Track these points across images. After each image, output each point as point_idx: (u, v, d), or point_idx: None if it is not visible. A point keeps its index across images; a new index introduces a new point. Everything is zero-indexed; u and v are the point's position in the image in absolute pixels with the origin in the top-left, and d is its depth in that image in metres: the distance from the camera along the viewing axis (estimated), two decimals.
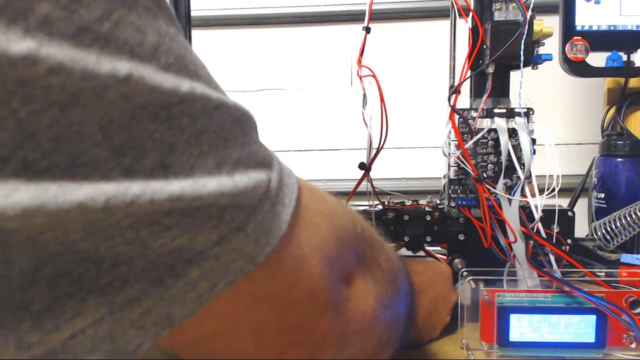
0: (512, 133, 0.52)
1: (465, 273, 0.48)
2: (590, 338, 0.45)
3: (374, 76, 0.53)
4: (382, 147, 0.54)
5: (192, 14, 0.67)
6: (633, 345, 0.45)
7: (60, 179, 0.16)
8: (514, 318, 0.45)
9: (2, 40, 0.15)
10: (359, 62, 0.54)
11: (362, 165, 0.55)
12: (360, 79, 0.54)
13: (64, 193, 0.16)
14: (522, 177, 0.51)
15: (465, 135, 0.52)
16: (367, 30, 0.54)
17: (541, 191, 0.49)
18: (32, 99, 0.15)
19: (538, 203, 0.49)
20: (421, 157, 1.09)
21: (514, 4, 0.52)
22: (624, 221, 0.65)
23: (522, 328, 0.45)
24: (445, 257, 0.58)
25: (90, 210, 0.16)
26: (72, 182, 0.16)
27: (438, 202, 0.58)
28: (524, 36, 0.50)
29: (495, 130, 0.52)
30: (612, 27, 0.74)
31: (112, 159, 0.17)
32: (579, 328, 0.45)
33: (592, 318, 0.45)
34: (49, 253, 0.17)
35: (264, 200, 0.22)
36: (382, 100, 0.53)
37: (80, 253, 0.17)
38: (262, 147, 0.24)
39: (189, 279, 0.20)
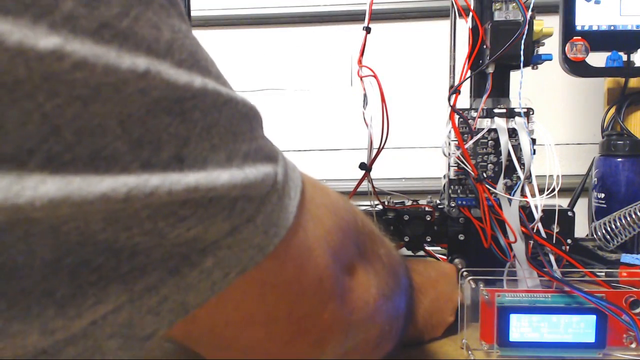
0: (512, 133, 0.52)
1: (465, 273, 0.48)
2: (590, 338, 0.45)
3: (374, 76, 0.53)
4: (382, 147, 0.54)
5: (192, 14, 0.67)
6: (633, 345, 0.45)
7: (83, 171, 0.17)
8: (514, 318, 0.45)
9: (29, 35, 0.15)
10: (360, 62, 0.54)
11: (362, 166, 0.55)
12: (361, 79, 0.54)
13: (88, 185, 0.16)
14: (522, 177, 0.51)
15: (465, 135, 0.52)
16: (367, 30, 0.54)
17: (541, 191, 0.49)
18: (56, 93, 0.16)
19: (538, 203, 0.49)
20: (421, 157, 1.09)
21: (514, 4, 0.52)
22: (624, 221, 0.65)
23: (522, 328, 0.45)
24: (445, 257, 0.58)
25: (112, 201, 0.17)
26: (95, 174, 0.17)
27: (438, 202, 0.58)
28: (524, 36, 0.50)
29: (495, 130, 0.52)
30: (612, 27, 0.74)
31: (131, 152, 0.18)
32: (579, 328, 0.45)
33: (592, 318, 0.45)
34: (70, 243, 0.17)
35: (272, 193, 0.23)
36: (383, 100, 0.53)
37: (101, 243, 0.18)
38: (267, 142, 0.24)
39: (203, 268, 0.20)
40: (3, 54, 0.15)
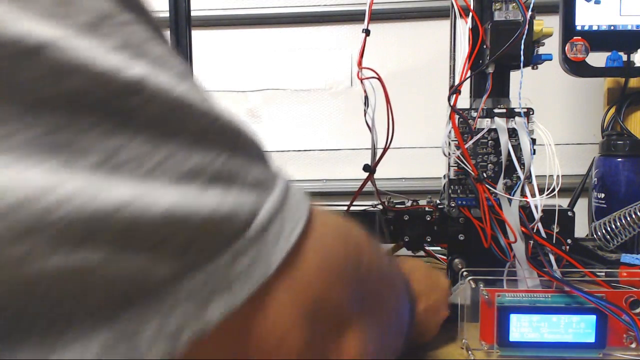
0: (512, 133, 0.52)
1: (465, 273, 0.48)
2: (590, 338, 0.45)
3: (379, 78, 0.53)
4: (388, 148, 0.54)
5: (192, 14, 0.67)
6: (633, 345, 0.45)
7: None
8: (514, 318, 0.45)
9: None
10: (359, 64, 0.53)
11: (366, 167, 0.55)
12: (361, 81, 0.54)
13: None
14: (522, 177, 0.51)
15: (465, 135, 0.52)
16: (367, 32, 0.54)
17: (541, 191, 0.49)
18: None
19: (538, 203, 0.49)
20: (421, 157, 1.09)
21: (514, 4, 0.52)
22: (624, 221, 0.65)
23: (522, 328, 0.45)
24: (445, 257, 0.58)
25: None
26: None
27: (438, 202, 0.58)
28: (524, 36, 0.50)
29: (495, 130, 0.52)
30: (612, 27, 0.74)
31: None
32: (579, 328, 0.45)
33: (592, 318, 0.45)
34: None
35: (244, 233, 0.18)
36: (387, 101, 0.53)
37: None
38: (261, 167, 0.20)
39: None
40: None
